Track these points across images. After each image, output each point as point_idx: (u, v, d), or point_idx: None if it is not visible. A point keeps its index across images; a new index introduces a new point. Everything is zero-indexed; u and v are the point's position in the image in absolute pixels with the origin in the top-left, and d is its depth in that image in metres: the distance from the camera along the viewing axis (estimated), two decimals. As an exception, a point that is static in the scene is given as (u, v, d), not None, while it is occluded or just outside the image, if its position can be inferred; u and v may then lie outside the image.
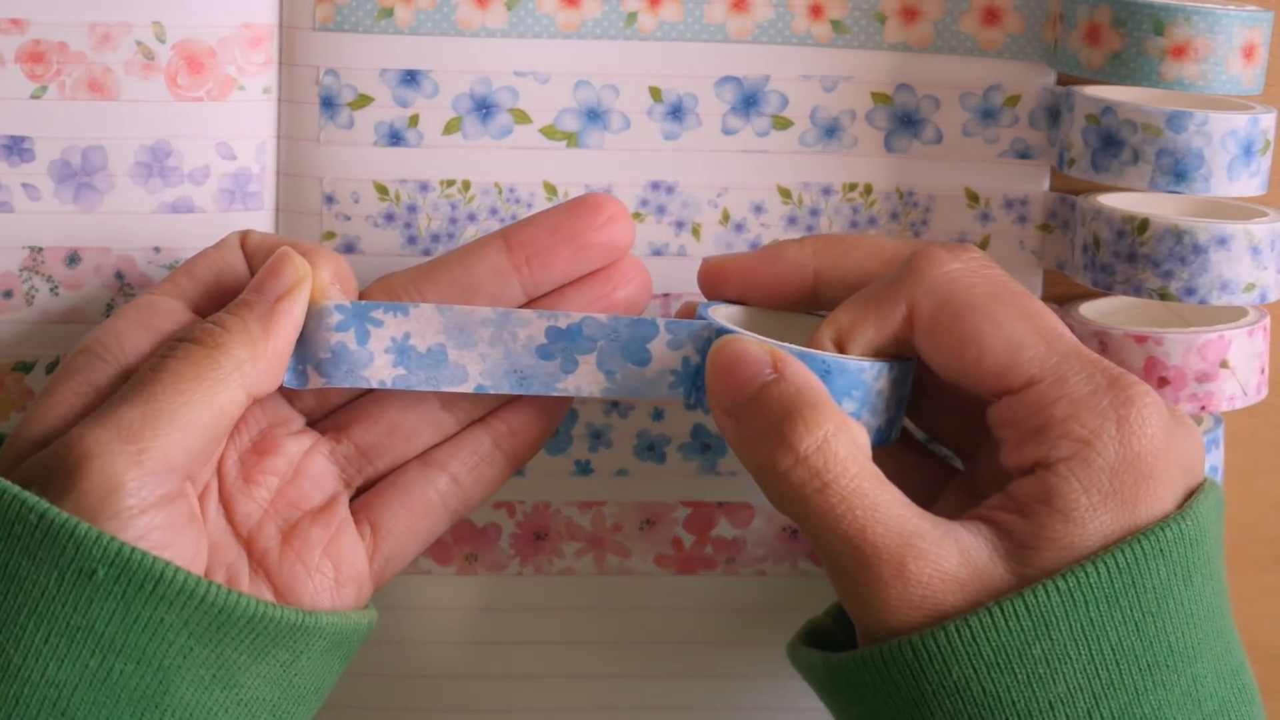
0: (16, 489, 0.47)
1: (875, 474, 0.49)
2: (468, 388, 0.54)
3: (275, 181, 0.61)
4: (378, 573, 0.55)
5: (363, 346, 0.53)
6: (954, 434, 0.57)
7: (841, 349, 0.52)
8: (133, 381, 0.50)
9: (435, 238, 0.61)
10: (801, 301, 0.56)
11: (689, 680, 0.65)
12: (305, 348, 0.53)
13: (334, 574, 0.53)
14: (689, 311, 0.57)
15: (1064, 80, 0.62)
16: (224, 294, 0.54)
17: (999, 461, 0.52)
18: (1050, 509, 0.49)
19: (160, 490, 0.48)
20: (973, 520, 0.50)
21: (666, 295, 0.63)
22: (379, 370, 0.53)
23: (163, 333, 0.52)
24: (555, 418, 0.57)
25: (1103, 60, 0.58)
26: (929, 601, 0.48)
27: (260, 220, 0.61)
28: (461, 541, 0.63)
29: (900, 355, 0.53)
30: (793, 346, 0.52)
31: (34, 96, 0.59)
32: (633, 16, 0.61)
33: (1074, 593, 0.48)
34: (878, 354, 0.53)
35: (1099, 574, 0.48)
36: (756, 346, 0.51)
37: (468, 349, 0.54)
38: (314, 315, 0.53)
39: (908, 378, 0.54)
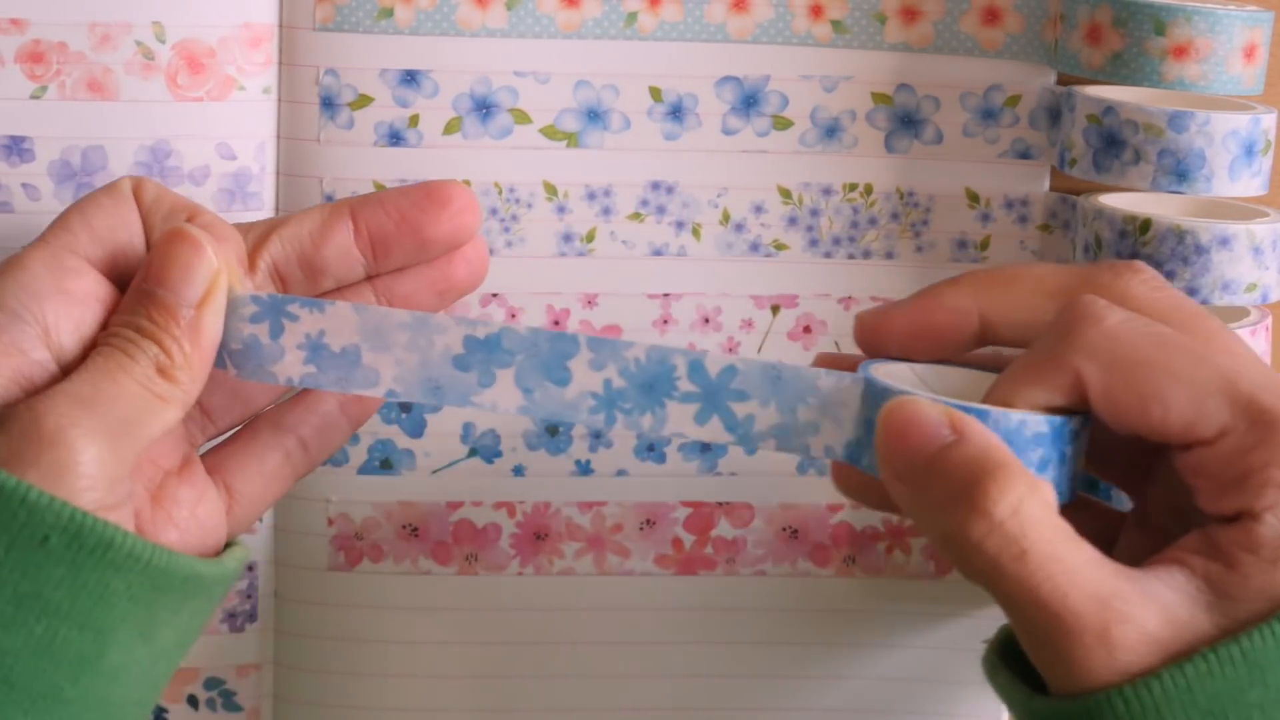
0: None
1: (1069, 534, 0.47)
2: (378, 393, 0.52)
3: (275, 181, 0.61)
4: (230, 532, 0.55)
5: (275, 341, 0.52)
6: (1121, 472, 0.54)
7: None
8: (80, 372, 0.50)
9: (435, 238, 0.61)
10: (968, 346, 0.53)
11: (689, 680, 0.65)
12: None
13: (200, 532, 0.53)
14: (827, 362, 0.55)
15: (1064, 80, 0.62)
16: (121, 255, 0.53)
17: (1181, 500, 0.50)
18: (1258, 559, 0.47)
19: (114, 470, 0.49)
20: (1166, 567, 0.48)
21: (667, 295, 0.63)
22: (289, 367, 0.52)
23: (77, 298, 0.51)
24: None
25: (1103, 60, 0.58)
26: (1133, 665, 0.46)
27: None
28: (461, 541, 0.63)
29: (1075, 410, 0.50)
30: (968, 404, 0.49)
31: (34, 96, 0.59)
32: (633, 16, 0.61)
33: None
34: (1051, 414, 0.50)
35: None
36: (931, 407, 0.48)
37: (383, 352, 0.52)
38: (229, 303, 0.52)
39: (1085, 431, 0.51)
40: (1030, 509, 0.46)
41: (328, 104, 0.61)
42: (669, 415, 0.51)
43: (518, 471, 0.63)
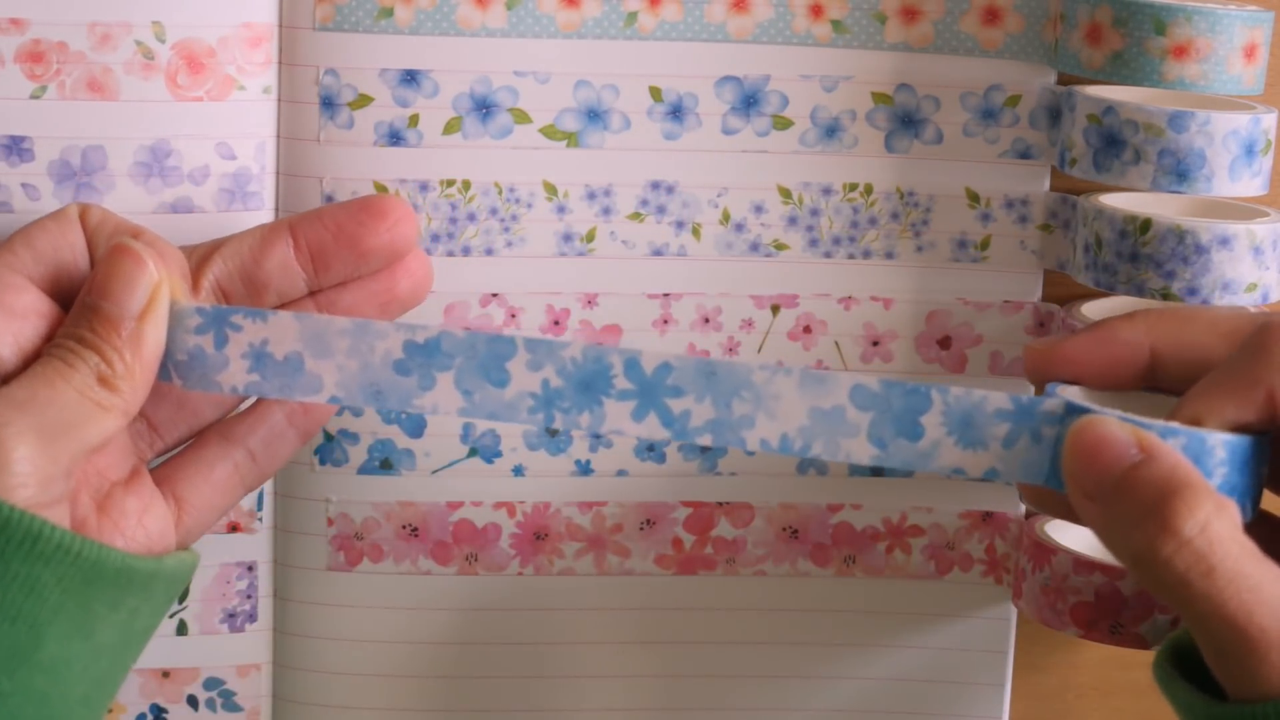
0: None
1: (1254, 552, 0.48)
2: (321, 398, 0.53)
3: (275, 181, 0.61)
4: (179, 543, 0.56)
5: (220, 351, 0.53)
6: None
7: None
8: (20, 378, 0.51)
9: (435, 238, 0.61)
10: (1136, 381, 0.54)
11: (689, 680, 0.65)
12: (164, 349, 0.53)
13: (147, 541, 0.54)
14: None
15: (1064, 80, 0.62)
16: (64, 274, 0.54)
17: None
18: None
19: (47, 469, 0.50)
20: None
21: (667, 295, 0.63)
22: (233, 376, 0.53)
23: (16, 313, 0.52)
24: None
25: (1103, 60, 0.58)
26: None
27: (260, 220, 0.61)
28: (461, 541, 0.63)
29: (1263, 429, 0.51)
30: (1155, 423, 0.49)
31: (34, 96, 0.59)
32: (633, 16, 0.61)
33: None
34: (1239, 432, 0.51)
35: None
36: (1120, 427, 0.49)
37: (324, 359, 0.53)
38: (173, 317, 0.53)
39: (1268, 450, 0.52)
40: (1217, 527, 0.47)
41: (328, 104, 0.60)
42: (607, 413, 0.52)
43: (518, 471, 0.63)
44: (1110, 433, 0.49)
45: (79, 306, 0.53)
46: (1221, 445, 0.50)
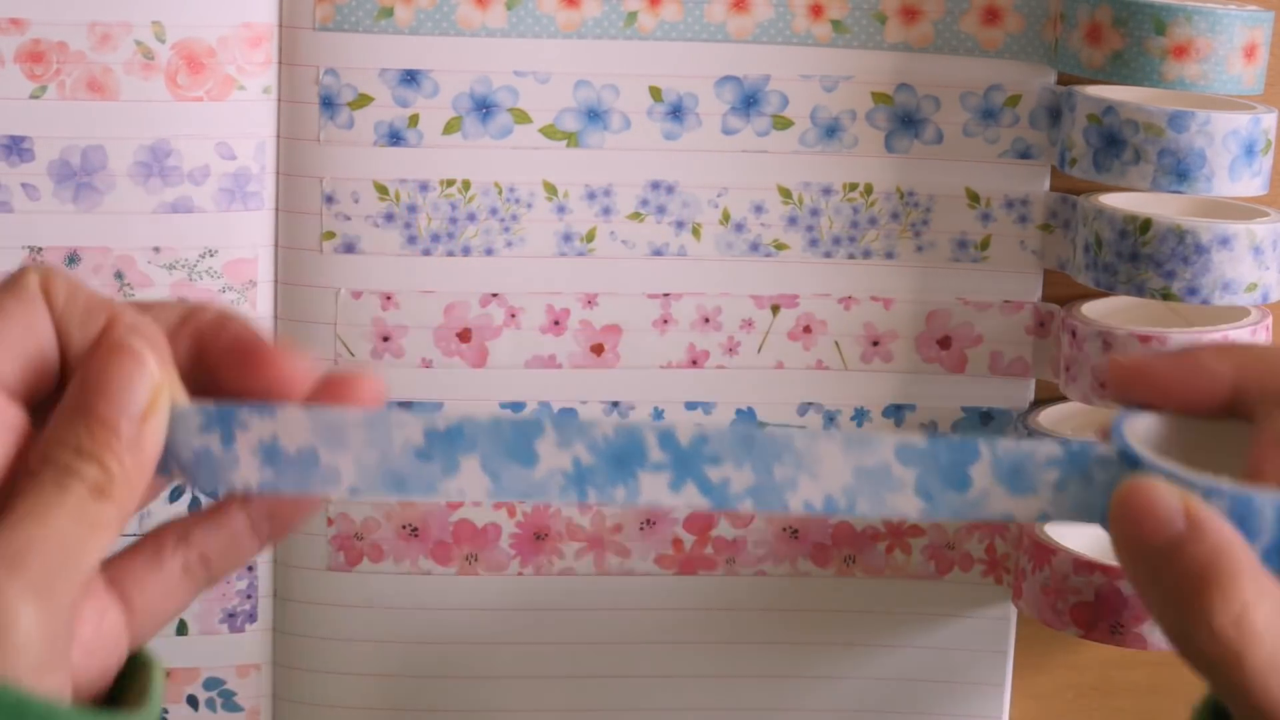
0: None
1: None
2: (340, 491, 0.50)
3: (275, 181, 0.61)
4: (128, 646, 0.51)
5: (228, 449, 0.50)
6: None
7: None
8: (8, 517, 0.46)
9: (435, 238, 0.61)
10: (1216, 410, 0.53)
11: (689, 680, 0.65)
12: (167, 449, 0.50)
13: (104, 650, 0.50)
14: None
15: (1064, 80, 0.62)
16: (30, 365, 0.48)
17: None
18: None
19: (51, 627, 0.46)
20: None
21: (667, 295, 0.63)
22: (246, 473, 0.50)
23: None
24: (315, 505, 0.52)
25: (1103, 60, 0.58)
26: None
27: (260, 220, 0.61)
28: (461, 541, 0.63)
29: None
30: (1202, 480, 0.48)
31: (34, 96, 0.59)
32: (633, 16, 0.61)
33: None
34: None
35: None
36: (1169, 495, 0.48)
37: (340, 450, 0.50)
38: (174, 418, 0.49)
39: None
40: (1254, 617, 0.47)
41: (328, 104, 0.60)
42: (642, 486, 0.50)
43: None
44: (1158, 500, 0.48)
45: (70, 411, 0.47)
46: (1270, 507, 0.48)
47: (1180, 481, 0.48)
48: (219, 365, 0.50)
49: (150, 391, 0.48)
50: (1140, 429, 0.51)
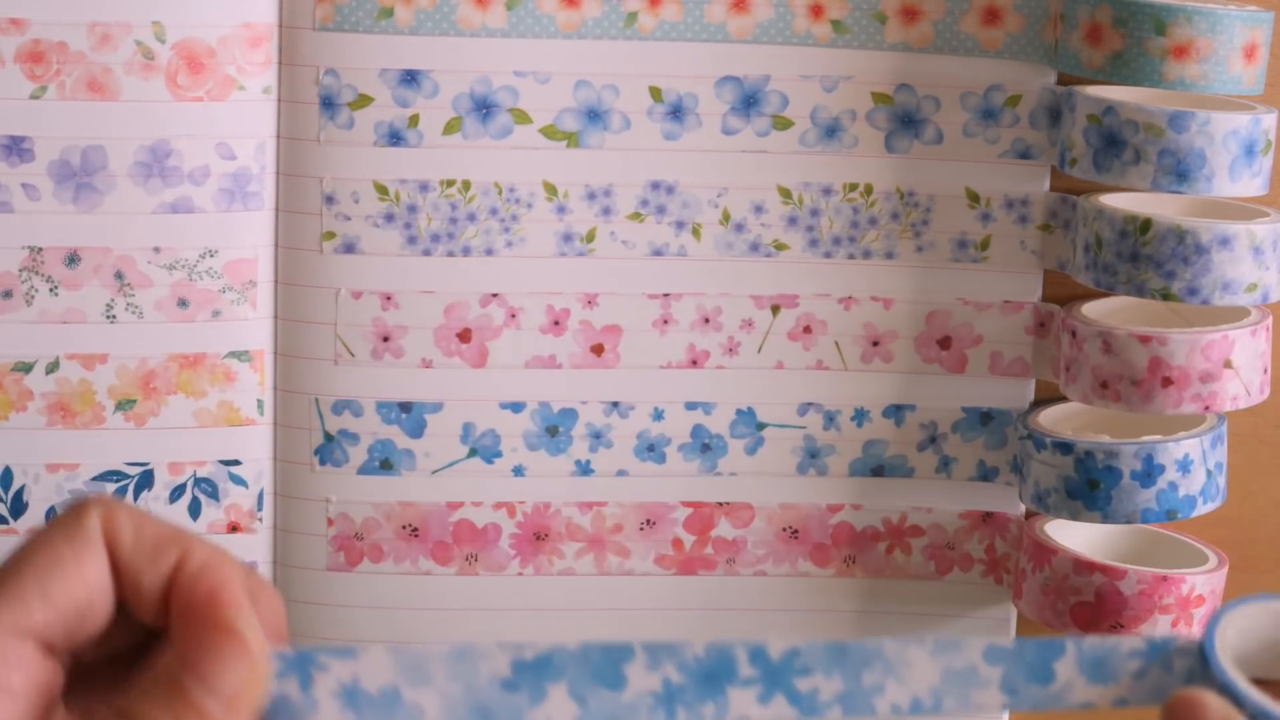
0: None
1: None
2: None
3: (275, 181, 0.61)
4: None
5: (306, 693, 0.49)
6: None
7: None
8: None
9: (435, 238, 0.61)
10: None
11: (689, 680, 0.65)
12: None
13: None
14: None
15: (1064, 80, 0.62)
16: (78, 617, 0.45)
17: None
18: None
19: None
20: None
21: (667, 295, 0.63)
22: (326, 717, 0.49)
23: (11, 694, 0.44)
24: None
25: (1104, 60, 0.58)
26: None
27: (260, 220, 0.61)
28: (461, 541, 0.63)
29: None
30: (1270, 709, 0.49)
31: (34, 96, 0.59)
32: (633, 16, 0.61)
33: None
34: None
35: None
36: (1214, 712, 0.49)
37: (423, 687, 0.49)
38: None
39: None
40: None
41: (328, 104, 0.61)
42: (730, 701, 0.51)
43: (518, 471, 0.63)
44: (1202, 715, 0.49)
45: (163, 688, 0.45)
46: None
47: (1238, 698, 0.49)
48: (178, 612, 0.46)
49: (250, 678, 0.46)
50: (1244, 619, 0.52)
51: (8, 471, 0.61)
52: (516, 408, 0.63)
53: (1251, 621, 0.52)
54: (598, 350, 0.63)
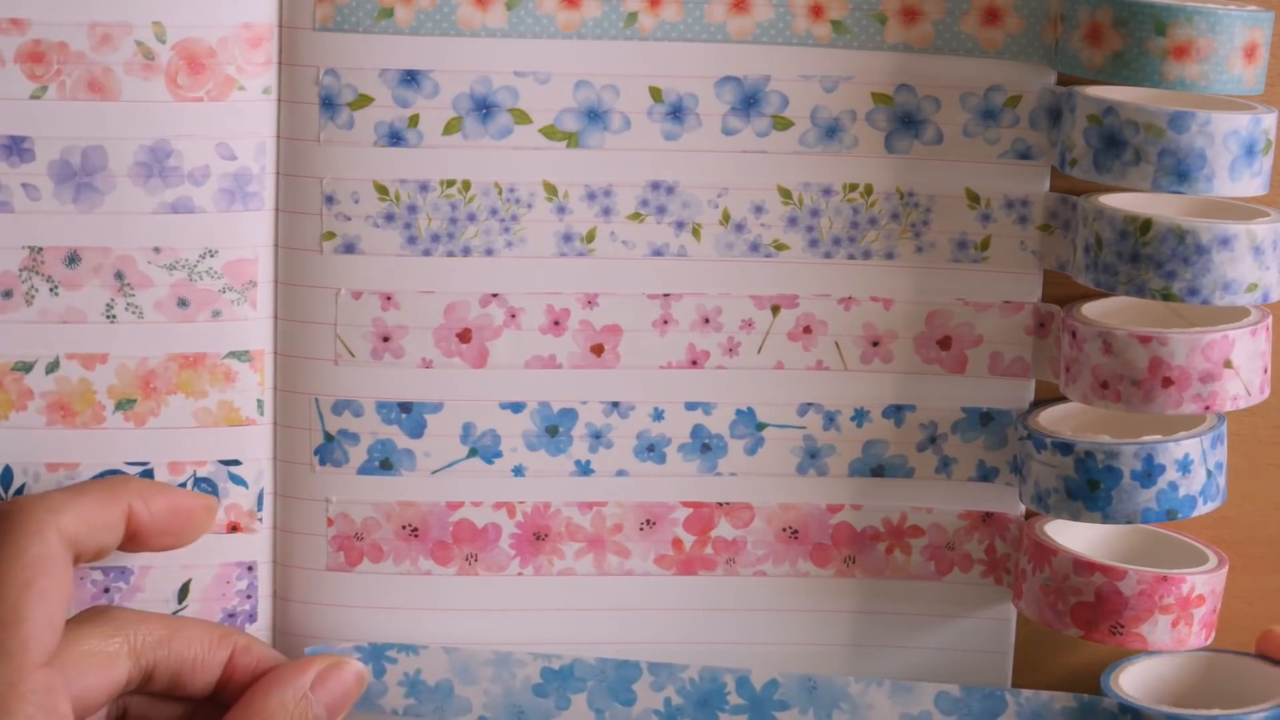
0: None
1: None
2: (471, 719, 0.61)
3: (275, 181, 0.61)
4: None
5: (379, 680, 0.61)
6: None
7: None
8: None
9: (435, 238, 0.61)
10: None
11: (689, 680, 0.65)
12: None
13: None
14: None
15: (1064, 80, 0.62)
16: (110, 697, 0.57)
17: None
18: None
19: None
20: None
21: (667, 295, 0.63)
22: (392, 699, 0.61)
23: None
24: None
25: (1104, 60, 0.58)
26: None
27: (260, 220, 0.61)
28: (461, 541, 0.63)
29: None
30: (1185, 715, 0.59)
31: (34, 96, 0.59)
32: (633, 16, 0.61)
33: None
34: None
35: None
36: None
37: (471, 685, 0.61)
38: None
39: None
40: None
41: (328, 104, 0.61)
42: None
43: (518, 471, 0.63)
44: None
45: None
46: None
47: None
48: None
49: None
50: (1139, 673, 0.62)
51: (8, 470, 0.61)
52: (516, 408, 0.63)
53: (1155, 673, 0.63)
54: (598, 350, 0.63)
